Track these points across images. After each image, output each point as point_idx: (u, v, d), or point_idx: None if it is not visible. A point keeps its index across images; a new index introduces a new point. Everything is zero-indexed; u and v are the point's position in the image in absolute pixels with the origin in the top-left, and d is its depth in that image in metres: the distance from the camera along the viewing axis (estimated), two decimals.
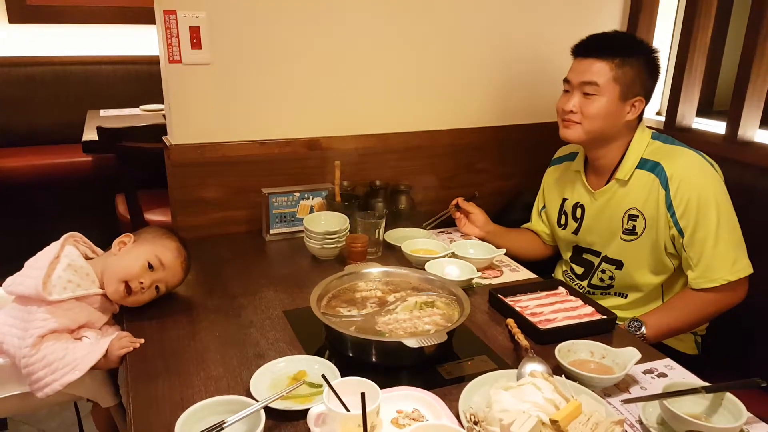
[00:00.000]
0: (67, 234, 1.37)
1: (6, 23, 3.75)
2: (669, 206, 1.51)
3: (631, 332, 1.47)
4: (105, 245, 1.50)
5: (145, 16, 3.15)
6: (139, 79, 3.90)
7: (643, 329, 1.47)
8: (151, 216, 2.58)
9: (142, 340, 1.25)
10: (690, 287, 1.53)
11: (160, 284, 1.37)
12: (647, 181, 1.56)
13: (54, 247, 1.32)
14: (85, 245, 1.41)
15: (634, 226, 1.59)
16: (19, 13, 3.74)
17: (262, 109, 1.85)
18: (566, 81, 1.61)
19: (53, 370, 1.18)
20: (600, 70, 1.53)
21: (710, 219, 1.47)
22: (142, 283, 1.33)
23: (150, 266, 1.34)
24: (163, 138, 1.86)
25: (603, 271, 1.70)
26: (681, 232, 1.50)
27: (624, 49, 1.54)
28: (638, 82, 1.54)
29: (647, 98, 1.58)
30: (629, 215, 1.59)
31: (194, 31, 1.69)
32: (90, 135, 2.87)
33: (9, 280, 1.27)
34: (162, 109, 3.35)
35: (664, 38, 2.27)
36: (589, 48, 1.57)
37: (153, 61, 2.15)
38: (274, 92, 1.85)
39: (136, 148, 2.41)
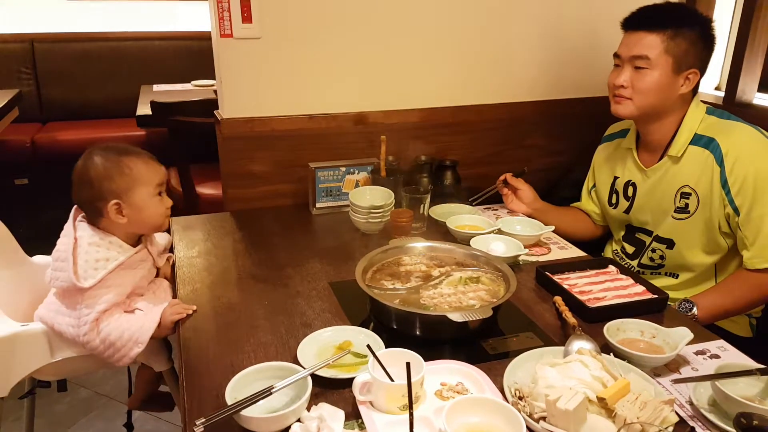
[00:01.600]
0: (73, 210, 1.35)
1: (63, 0, 3.87)
2: (724, 184, 1.46)
3: (682, 313, 1.43)
4: None
5: None
6: (191, 55, 3.98)
7: (695, 310, 1.43)
8: (203, 189, 2.64)
9: (195, 307, 1.29)
10: (745, 267, 1.47)
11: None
12: (701, 158, 1.50)
13: (68, 230, 1.30)
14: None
15: (687, 204, 1.54)
16: None
17: (310, 83, 1.86)
18: (616, 55, 1.56)
19: (117, 349, 1.23)
20: (651, 43, 1.47)
21: None
22: (168, 207, 1.37)
23: (159, 194, 1.35)
24: (215, 112, 1.90)
25: (653, 251, 1.65)
26: (736, 211, 1.45)
27: (676, 19, 1.48)
28: (692, 53, 1.48)
29: (702, 70, 1.51)
30: (682, 193, 1.54)
31: (245, 5, 1.70)
32: (144, 109, 2.96)
33: (48, 275, 1.29)
34: (212, 85, 3.42)
35: (726, 7, 2.16)
36: (639, 20, 1.51)
37: (204, 37, 2.19)
38: (322, 66, 1.85)
39: (189, 122, 2.46)
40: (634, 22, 1.52)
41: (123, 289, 1.30)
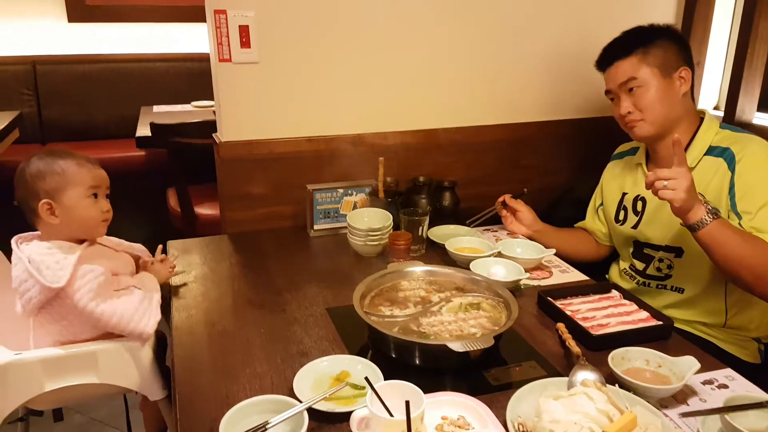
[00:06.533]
0: (12, 241, 1.32)
1: (66, 22, 3.89)
2: (731, 188, 1.45)
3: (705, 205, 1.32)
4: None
5: (197, 14, 3.20)
6: (191, 76, 3.98)
7: (709, 219, 1.31)
8: (201, 210, 2.63)
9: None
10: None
11: (107, 192, 1.37)
12: (714, 165, 1.50)
13: (16, 258, 1.27)
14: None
15: None
16: (78, 13, 3.88)
17: (308, 106, 1.85)
18: (607, 92, 1.62)
19: (138, 319, 1.22)
20: (630, 66, 1.53)
21: None
22: (106, 211, 1.34)
23: (95, 195, 1.32)
24: (213, 135, 1.89)
25: (660, 260, 1.61)
26: (738, 215, 1.43)
27: (641, 40, 1.54)
28: (671, 55, 1.53)
29: (691, 66, 1.55)
30: None
31: (243, 31, 1.70)
32: (143, 131, 2.95)
33: (17, 306, 1.27)
34: (212, 106, 3.42)
35: (722, 27, 2.16)
36: (609, 56, 1.59)
37: (204, 59, 2.19)
38: (320, 89, 1.85)
39: (187, 143, 2.45)
40: (606, 59, 1.60)
41: (105, 262, 1.27)
